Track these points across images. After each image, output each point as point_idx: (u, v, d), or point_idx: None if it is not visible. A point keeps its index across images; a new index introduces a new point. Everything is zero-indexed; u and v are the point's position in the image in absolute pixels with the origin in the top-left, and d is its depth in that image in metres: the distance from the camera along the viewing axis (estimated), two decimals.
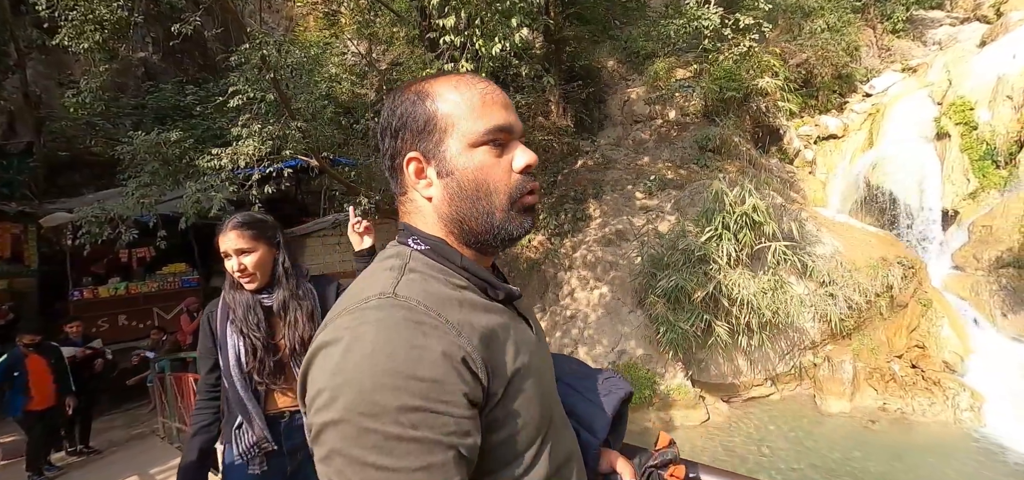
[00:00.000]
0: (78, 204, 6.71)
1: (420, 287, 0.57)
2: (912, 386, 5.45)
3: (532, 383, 0.63)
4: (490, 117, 0.64)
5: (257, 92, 6.21)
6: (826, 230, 7.21)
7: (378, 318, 0.52)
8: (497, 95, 0.66)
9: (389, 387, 0.49)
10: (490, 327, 0.60)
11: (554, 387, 0.74)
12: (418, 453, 0.49)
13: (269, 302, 1.56)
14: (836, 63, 10.43)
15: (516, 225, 0.65)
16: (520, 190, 0.65)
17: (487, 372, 0.56)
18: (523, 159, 0.66)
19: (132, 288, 7.09)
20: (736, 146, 9.27)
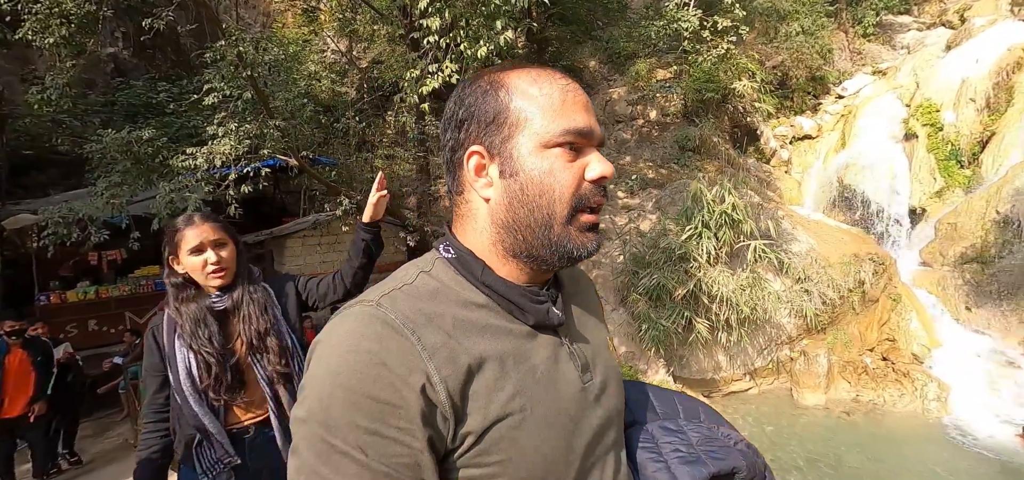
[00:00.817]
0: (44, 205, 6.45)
1: (410, 303, 0.53)
2: (883, 378, 5.65)
3: (532, 430, 0.53)
4: (570, 118, 0.57)
5: (234, 90, 6.07)
6: (801, 228, 7.40)
7: (353, 327, 0.51)
8: (579, 95, 0.59)
9: (344, 401, 0.47)
10: (484, 357, 0.52)
11: (593, 437, 0.58)
12: (359, 476, 0.46)
13: (222, 304, 1.48)
14: (810, 65, 10.73)
15: (577, 243, 0.57)
16: (584, 202, 0.57)
17: (454, 406, 0.50)
18: (598, 168, 0.58)
19: (103, 292, 6.85)
20: (715, 146, 9.46)
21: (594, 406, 0.59)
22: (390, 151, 9.58)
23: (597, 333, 0.67)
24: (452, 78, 5.97)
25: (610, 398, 0.62)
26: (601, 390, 0.61)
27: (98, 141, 5.84)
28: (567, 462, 0.55)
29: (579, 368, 0.60)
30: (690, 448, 0.63)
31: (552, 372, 0.57)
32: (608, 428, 0.61)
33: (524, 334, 0.57)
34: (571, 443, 0.56)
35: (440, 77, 5.96)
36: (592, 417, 0.59)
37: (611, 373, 0.65)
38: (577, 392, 0.58)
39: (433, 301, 0.55)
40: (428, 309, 0.54)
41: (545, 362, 0.57)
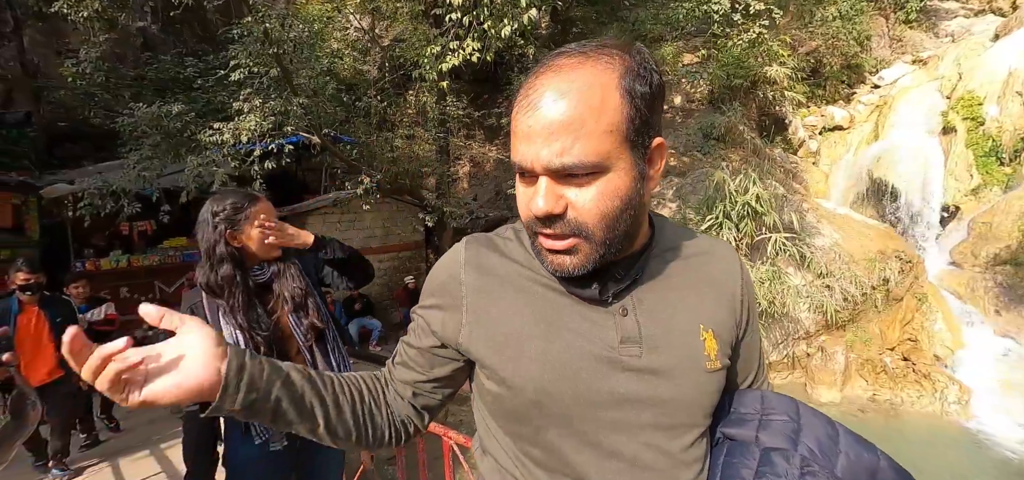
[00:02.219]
0: (79, 175, 6.71)
1: (481, 249, 0.70)
2: (902, 378, 5.53)
3: (533, 364, 0.62)
4: (515, 149, 0.61)
5: (260, 66, 6.15)
6: (826, 222, 7.21)
7: (455, 247, 0.73)
8: (527, 119, 0.56)
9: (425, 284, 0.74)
10: (505, 305, 0.65)
11: (613, 400, 0.61)
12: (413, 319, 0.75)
13: (264, 277, 1.56)
14: (846, 53, 10.30)
15: (548, 262, 0.62)
16: (532, 229, 0.62)
17: (470, 328, 0.66)
18: (530, 206, 0.60)
19: (134, 261, 7.13)
20: (741, 135, 9.22)
21: (627, 376, 0.61)
22: (410, 131, 9.62)
23: (684, 319, 0.65)
24: (473, 56, 5.93)
25: (661, 382, 0.62)
26: (648, 369, 0.61)
27: (130, 115, 6.02)
28: (571, 404, 0.61)
29: (619, 339, 0.62)
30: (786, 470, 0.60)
31: (578, 330, 0.62)
32: (645, 405, 0.61)
33: (558, 292, 0.65)
34: (577, 390, 0.61)
35: (461, 55, 5.93)
36: (616, 383, 0.61)
37: (681, 363, 0.63)
38: (602, 354, 0.61)
39: (496, 252, 0.69)
40: (488, 258, 0.68)
41: (573, 320, 0.63)
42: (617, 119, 0.54)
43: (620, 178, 0.56)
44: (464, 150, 11.33)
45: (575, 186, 0.56)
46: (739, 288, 0.71)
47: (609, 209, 0.56)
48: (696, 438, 0.64)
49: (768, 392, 0.73)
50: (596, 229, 0.57)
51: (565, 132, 0.53)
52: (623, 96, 0.54)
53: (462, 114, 9.00)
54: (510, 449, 0.67)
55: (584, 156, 0.53)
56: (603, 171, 0.55)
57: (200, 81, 7.68)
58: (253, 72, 6.09)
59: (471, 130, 11.76)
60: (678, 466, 0.62)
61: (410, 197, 8.74)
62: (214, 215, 1.50)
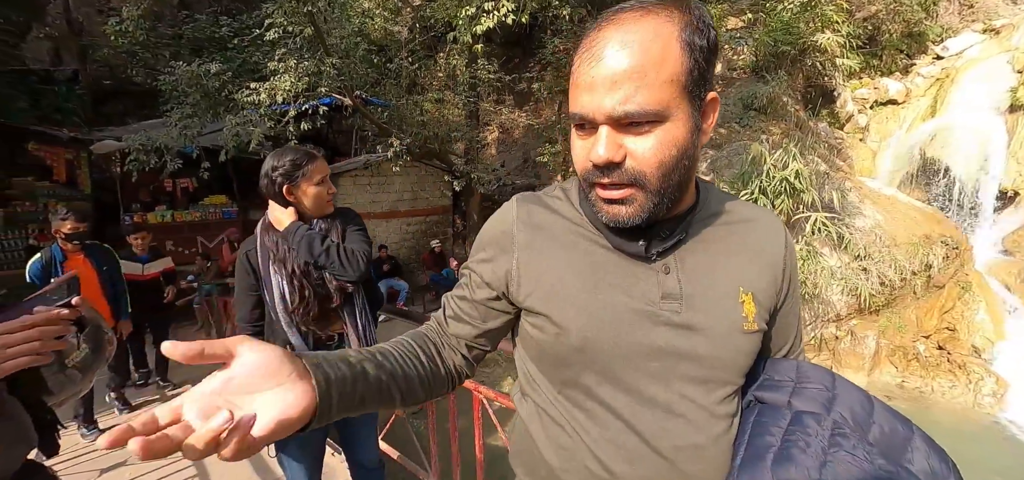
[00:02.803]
0: (124, 133, 7.00)
1: (532, 206, 0.74)
2: (935, 367, 5.35)
3: (575, 311, 0.66)
4: (574, 100, 0.62)
5: (294, 26, 6.19)
6: (869, 202, 6.88)
7: (509, 202, 0.77)
8: (588, 70, 0.58)
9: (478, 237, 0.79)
10: (552, 258, 0.69)
11: (652, 350, 0.65)
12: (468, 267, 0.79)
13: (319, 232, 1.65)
14: (909, 19, 9.51)
15: (603, 211, 0.64)
16: (590, 179, 0.63)
17: (518, 277, 0.71)
18: (591, 153, 0.61)
19: (177, 216, 7.49)
20: (784, 106, 8.76)
21: (666, 329, 0.65)
22: (440, 95, 9.56)
23: (724, 281, 0.67)
24: (507, 18, 5.78)
25: (699, 338, 0.65)
26: (687, 325, 0.65)
27: (170, 73, 6.19)
28: (613, 351, 0.65)
29: (660, 295, 0.65)
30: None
31: (621, 284, 0.66)
32: (682, 358, 0.65)
33: (603, 248, 0.68)
34: (619, 339, 0.65)
35: (495, 16, 5.79)
36: (656, 336, 0.65)
37: (719, 322, 0.66)
38: (643, 309, 0.65)
39: (545, 209, 0.73)
40: (537, 215, 0.73)
41: (617, 275, 0.67)
42: (677, 70, 0.56)
43: (678, 128, 0.58)
44: (493, 115, 11.20)
45: (635, 134, 0.58)
46: (782, 257, 0.73)
47: (667, 158, 0.58)
48: (729, 394, 0.68)
49: (804, 362, 0.74)
50: (653, 177, 0.59)
51: (628, 81, 0.55)
52: (683, 48, 0.56)
53: (493, 78, 8.86)
54: (550, 392, 0.72)
55: (646, 104, 0.55)
56: (663, 120, 0.57)
57: (235, 40, 7.80)
58: (287, 31, 6.14)
59: (501, 95, 11.58)
60: (711, 418, 0.66)
61: (439, 161, 8.78)
62: (273, 170, 1.58)
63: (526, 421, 0.76)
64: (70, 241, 3.17)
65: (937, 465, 0.62)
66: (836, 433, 0.62)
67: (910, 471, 0.60)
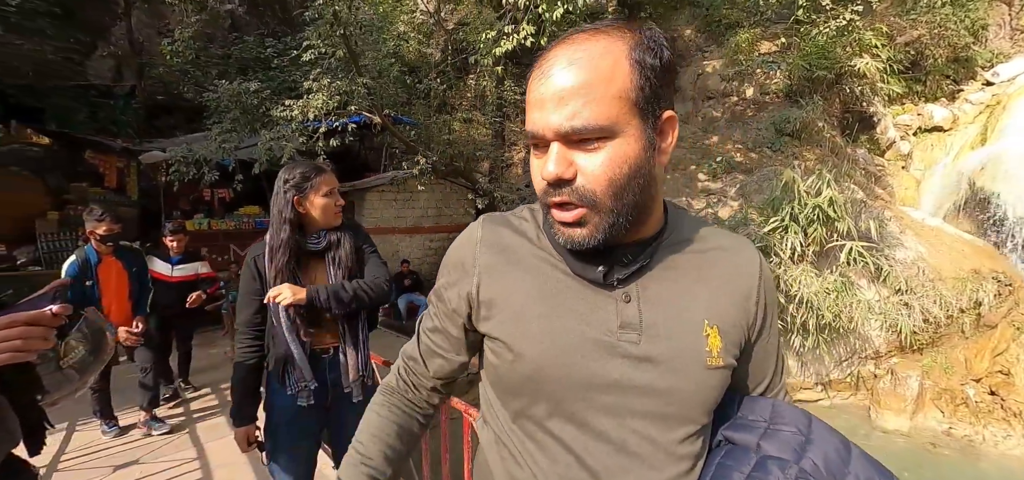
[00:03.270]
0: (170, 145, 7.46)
1: (497, 229, 0.72)
2: (987, 413, 4.92)
3: (531, 339, 0.64)
4: (528, 119, 0.61)
5: (329, 47, 6.48)
6: (911, 233, 6.51)
7: (472, 224, 0.76)
8: (540, 87, 0.58)
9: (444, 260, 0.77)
10: (513, 284, 0.68)
11: (606, 384, 0.62)
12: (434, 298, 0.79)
13: (319, 245, 1.68)
14: (955, 43, 9.10)
15: (559, 233, 0.63)
16: (545, 199, 0.62)
17: (479, 303, 0.70)
18: (542, 170, 0.60)
19: (213, 225, 7.86)
20: (819, 131, 8.48)
21: (623, 362, 0.62)
22: (468, 115, 9.75)
23: (688, 312, 0.64)
24: (527, 41, 5.87)
25: (658, 372, 0.62)
26: (645, 358, 0.62)
27: (214, 91, 6.57)
28: (565, 383, 0.63)
29: (618, 324, 0.63)
30: None
31: (579, 312, 0.64)
32: (639, 393, 0.62)
33: (564, 273, 0.66)
34: (571, 370, 0.63)
35: (515, 39, 5.89)
36: (611, 369, 0.62)
37: (680, 356, 0.63)
38: (599, 338, 0.63)
39: (510, 230, 0.72)
40: (501, 236, 0.71)
41: (575, 301, 0.64)
42: (627, 86, 0.56)
43: (629, 144, 0.57)
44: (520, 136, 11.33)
45: (584, 152, 0.57)
46: (755, 288, 0.69)
47: (617, 175, 0.57)
48: (691, 434, 0.64)
49: (781, 402, 0.70)
50: (605, 196, 0.58)
51: (575, 96, 0.55)
52: (633, 65, 0.56)
53: (519, 98, 8.98)
54: (505, 420, 0.70)
55: (594, 119, 0.55)
56: (612, 136, 0.56)
57: (277, 61, 8.25)
58: (323, 53, 6.43)
59: None
60: (669, 458, 0.62)
61: (464, 179, 8.90)
62: (285, 182, 1.65)
63: (485, 448, 0.75)
64: (105, 243, 3.18)
65: None
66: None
67: None
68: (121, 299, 3.27)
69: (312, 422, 1.71)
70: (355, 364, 1.72)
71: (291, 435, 1.68)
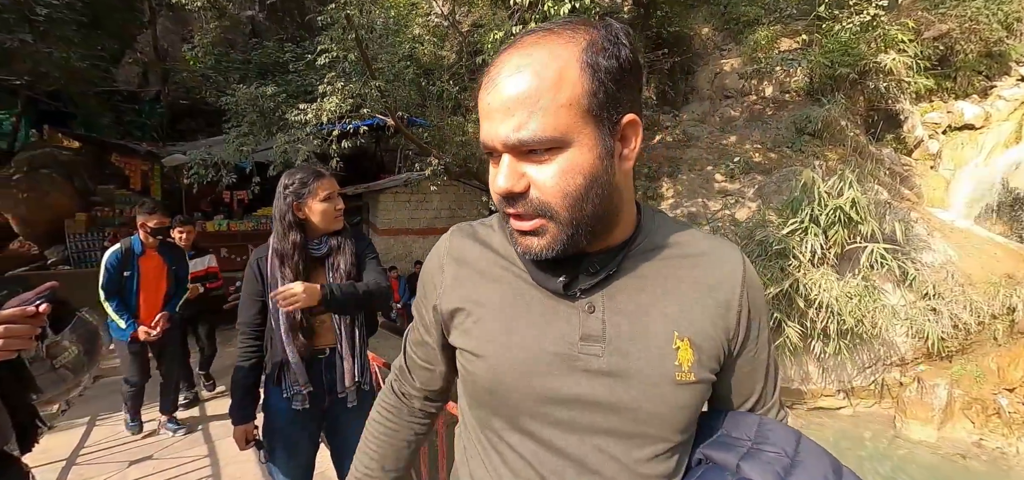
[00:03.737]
0: (191, 148, 7.65)
1: (463, 239, 0.71)
2: (1020, 426, 4.69)
3: (495, 354, 0.62)
4: (482, 129, 0.58)
5: (342, 51, 6.56)
6: (940, 235, 6.26)
7: (444, 236, 0.75)
8: (490, 95, 0.55)
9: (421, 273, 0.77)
10: (477, 296, 0.66)
11: (564, 398, 0.61)
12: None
13: (320, 251, 1.68)
14: (987, 38, 8.73)
15: (517, 243, 0.60)
16: (502, 208, 0.59)
17: (445, 317, 0.69)
18: (492, 186, 0.58)
19: (232, 226, 8.04)
20: (842, 130, 8.22)
21: (584, 376, 0.59)
22: None
23: (656, 324, 0.60)
24: None
25: (621, 387, 0.59)
26: (608, 371, 0.59)
27: (233, 95, 6.72)
28: (522, 397, 0.61)
29: (579, 336, 0.60)
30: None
31: (541, 323, 0.62)
32: (600, 409, 0.59)
33: (528, 283, 0.64)
34: (531, 384, 0.61)
35: None
36: (569, 383, 0.59)
37: (645, 370, 0.59)
38: (560, 351, 0.60)
39: (476, 242, 0.70)
40: (466, 248, 0.70)
41: (538, 313, 0.62)
42: (577, 92, 0.52)
43: (582, 154, 0.54)
44: None
45: (536, 163, 0.55)
46: (736, 297, 0.64)
47: (571, 187, 0.54)
48: (661, 452, 0.60)
49: (770, 420, 0.66)
50: (560, 208, 0.55)
51: (521, 107, 0.52)
52: (583, 70, 0.53)
53: None
54: (475, 431, 0.69)
55: (540, 130, 0.52)
56: (563, 147, 0.53)
57: (294, 65, 8.40)
58: (337, 57, 6.52)
59: None
60: (633, 478, 0.59)
61: (477, 181, 8.91)
62: (285, 188, 1.66)
63: (457, 456, 0.75)
64: (154, 235, 3.21)
65: None
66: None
67: None
68: (157, 294, 3.28)
69: (309, 424, 1.72)
70: (351, 370, 1.71)
71: (288, 436, 1.69)
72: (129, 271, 3.14)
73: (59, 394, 1.16)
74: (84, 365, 1.18)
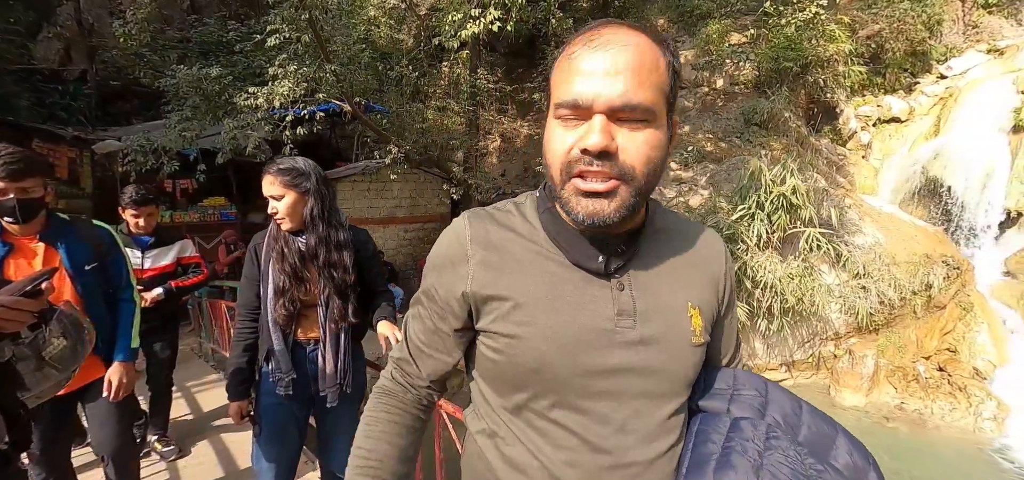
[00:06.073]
0: (126, 133, 7.09)
1: (484, 223, 0.73)
2: (935, 389, 5.23)
3: (532, 337, 0.65)
4: (562, 88, 0.62)
5: (294, 32, 6.26)
6: (869, 220, 6.80)
7: (456, 221, 0.76)
8: (582, 60, 0.59)
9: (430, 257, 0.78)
10: (510, 281, 0.68)
11: (607, 371, 0.65)
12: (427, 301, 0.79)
13: (301, 245, 1.67)
14: (912, 38, 9.47)
15: (575, 208, 0.62)
16: (572, 169, 0.61)
17: (476, 300, 0.70)
18: (583, 139, 0.59)
19: (176, 217, 7.55)
20: (785, 122, 8.73)
21: (621, 348, 0.65)
22: (443, 103, 9.61)
23: (673, 296, 0.69)
24: (494, 25, 5.79)
25: (652, 353, 0.66)
26: (640, 341, 0.66)
27: (172, 76, 6.27)
28: (569, 374, 0.65)
29: (615, 312, 0.66)
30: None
31: (579, 303, 0.66)
32: (635, 375, 0.66)
33: (561, 265, 0.68)
34: (576, 361, 0.65)
35: (482, 23, 5.79)
36: (611, 356, 0.65)
37: (670, 337, 0.67)
38: (600, 327, 0.65)
39: (498, 226, 0.72)
40: (492, 233, 0.72)
41: (574, 293, 0.67)
42: (664, 81, 0.61)
43: (661, 133, 0.61)
44: (495, 125, 11.27)
45: (628, 128, 0.59)
46: (723, 272, 0.76)
47: (653, 157, 0.61)
48: (676, 408, 0.69)
49: (739, 370, 0.78)
50: (640, 174, 0.60)
51: (631, 74, 0.58)
52: (667, 66, 0.62)
53: (493, 87, 8.90)
54: (503, 413, 0.71)
55: (644, 100, 0.58)
56: (652, 120, 0.60)
57: (240, 45, 7.93)
58: (288, 38, 6.21)
59: (503, 105, 11.66)
60: (660, 432, 0.67)
61: (438, 169, 8.80)
62: (323, 182, 1.69)
63: (479, 442, 0.75)
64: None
65: (859, 461, 0.65)
66: (770, 436, 0.65)
67: (835, 467, 0.64)
68: None
69: (297, 410, 1.75)
70: (333, 370, 1.71)
71: (274, 418, 1.72)
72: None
73: (47, 388, 1.13)
74: (69, 358, 1.14)
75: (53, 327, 1.10)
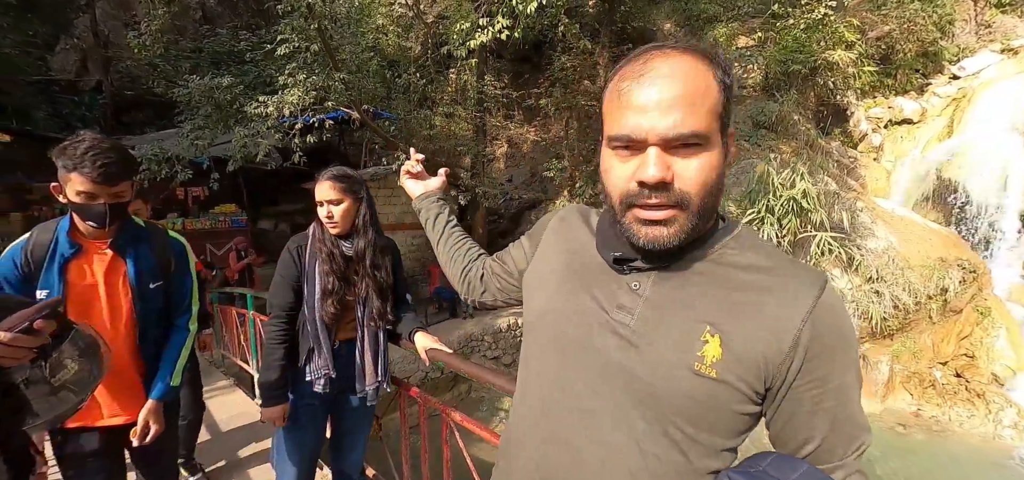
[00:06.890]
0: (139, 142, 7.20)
1: (574, 215, 0.85)
2: (953, 395, 5.13)
3: (552, 317, 0.75)
4: (615, 123, 0.63)
5: (303, 41, 6.33)
6: (882, 223, 6.71)
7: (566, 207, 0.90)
8: (635, 93, 0.61)
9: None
10: (560, 244, 0.82)
11: (590, 355, 0.68)
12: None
13: (349, 250, 1.72)
14: (923, 38, 9.38)
15: (637, 234, 0.63)
16: (632, 201, 0.63)
17: (535, 250, 0.88)
18: (639, 172, 0.61)
19: (188, 224, 7.64)
20: (794, 125, 8.66)
21: (610, 336, 0.67)
22: (450, 109, 9.66)
23: (688, 312, 0.63)
24: (502, 33, 5.81)
25: (637, 357, 0.64)
26: (630, 341, 0.65)
27: (185, 86, 6.37)
28: (550, 333, 0.74)
29: (617, 304, 0.69)
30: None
31: (591, 284, 0.72)
32: (613, 369, 0.66)
33: (593, 251, 0.76)
34: (560, 325, 0.73)
35: (490, 31, 5.82)
36: (596, 336, 0.68)
37: (663, 350, 0.62)
38: (596, 309, 0.70)
39: (581, 218, 0.83)
40: (566, 222, 0.85)
41: (589, 277, 0.73)
42: (715, 102, 0.61)
43: (716, 155, 0.62)
44: (502, 130, 11.29)
45: (682, 157, 0.60)
46: (795, 329, 0.60)
47: (709, 180, 0.61)
48: (665, 432, 0.62)
49: (816, 471, 0.58)
50: (697, 198, 0.61)
51: (681, 105, 0.59)
52: (719, 85, 0.61)
53: (499, 93, 8.93)
54: (520, 375, 0.81)
55: (696, 126, 0.59)
56: (706, 145, 0.60)
57: (251, 55, 8.03)
58: (297, 47, 6.28)
59: (510, 111, 11.68)
60: (630, 444, 0.63)
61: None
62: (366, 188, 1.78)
63: None
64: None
65: None
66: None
67: None
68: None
69: (320, 411, 1.79)
70: (373, 370, 1.77)
71: (301, 417, 1.76)
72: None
73: (62, 414, 1.07)
74: (87, 380, 1.09)
75: (67, 349, 1.04)
